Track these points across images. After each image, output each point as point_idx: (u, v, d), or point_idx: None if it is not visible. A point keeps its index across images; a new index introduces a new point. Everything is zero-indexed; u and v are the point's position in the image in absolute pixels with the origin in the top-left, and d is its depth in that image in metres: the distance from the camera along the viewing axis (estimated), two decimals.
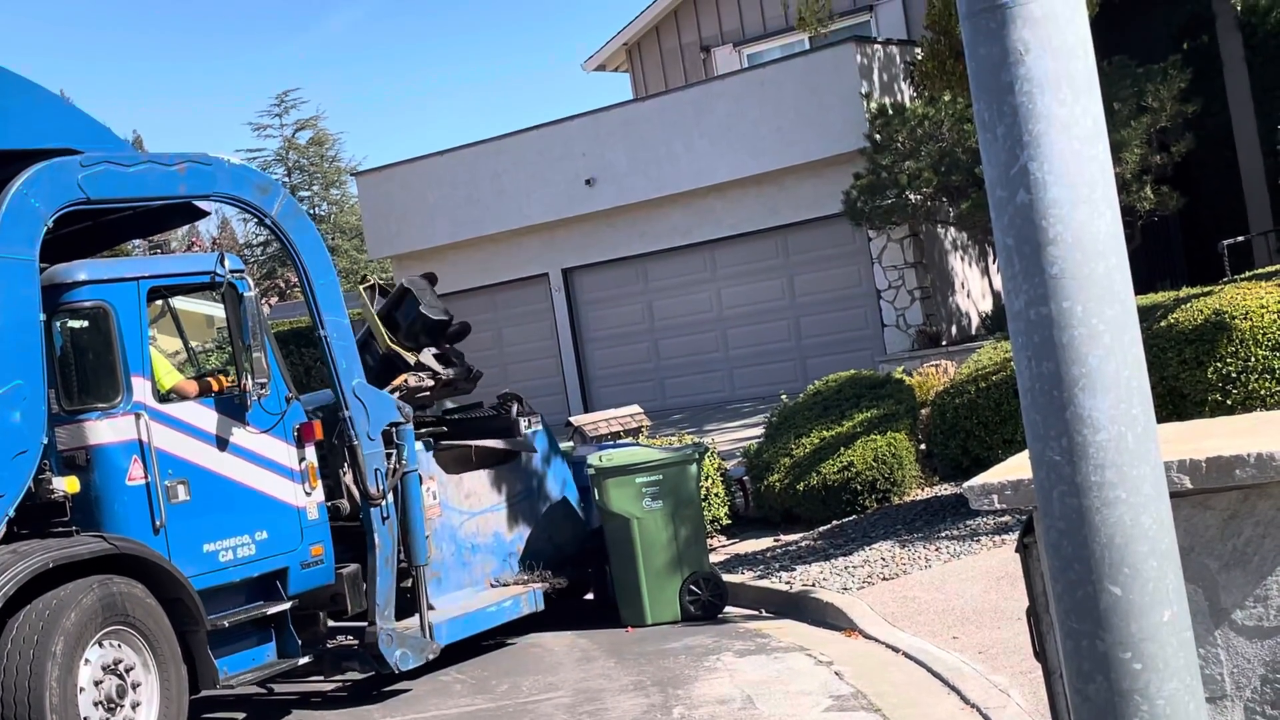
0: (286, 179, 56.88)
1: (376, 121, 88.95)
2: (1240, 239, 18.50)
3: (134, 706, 7.12)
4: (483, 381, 10.55)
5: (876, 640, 8.15)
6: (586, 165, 22.79)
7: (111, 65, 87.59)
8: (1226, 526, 3.05)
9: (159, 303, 8.75)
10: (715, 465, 11.94)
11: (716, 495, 11.83)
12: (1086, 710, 2.28)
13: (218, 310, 29.97)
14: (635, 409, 12.59)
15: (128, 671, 7.14)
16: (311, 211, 57.48)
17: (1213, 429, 3.48)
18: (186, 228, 46.94)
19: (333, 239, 55.27)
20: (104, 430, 7.52)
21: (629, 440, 11.44)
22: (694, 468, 9.92)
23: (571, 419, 12.37)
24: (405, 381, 9.54)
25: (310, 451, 8.40)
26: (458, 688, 8.66)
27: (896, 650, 7.85)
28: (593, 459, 9.86)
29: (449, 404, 10.83)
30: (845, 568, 9.77)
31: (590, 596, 10.43)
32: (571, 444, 11.31)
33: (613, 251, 23.14)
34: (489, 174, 23.79)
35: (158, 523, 7.53)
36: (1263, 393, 9.63)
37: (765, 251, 21.93)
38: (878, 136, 18.39)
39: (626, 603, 9.73)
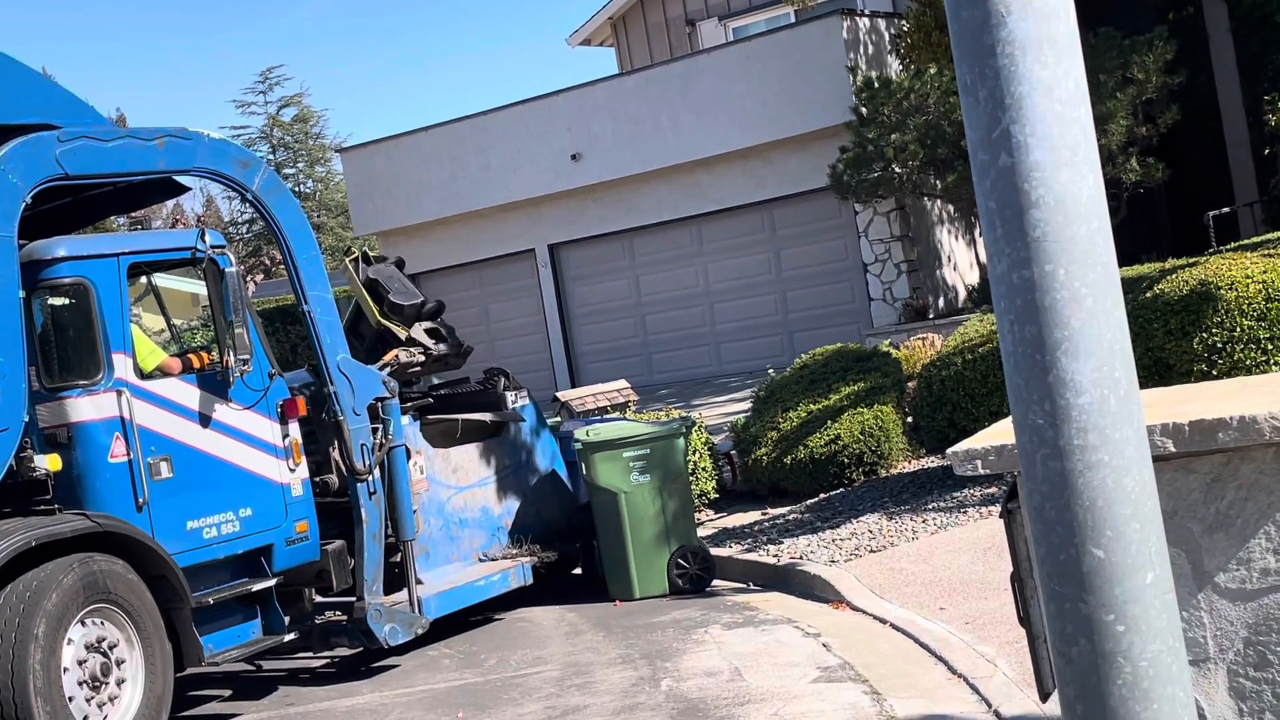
0: (271, 156, 56.62)
1: (361, 98, 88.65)
2: (1225, 210, 18.54)
3: (119, 684, 7.09)
4: (470, 357, 10.53)
5: (864, 612, 8.17)
6: (572, 140, 22.74)
7: (94, 42, 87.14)
8: (1209, 490, 3.05)
9: (142, 281, 8.69)
10: (702, 439, 11.95)
11: (704, 469, 11.84)
12: (1070, 673, 2.28)
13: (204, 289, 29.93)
14: (622, 384, 12.62)
15: (111, 649, 7.09)
16: (297, 189, 57.26)
17: (1196, 393, 3.48)
18: (171, 205, 46.78)
19: (318, 216, 55.10)
20: (85, 407, 7.46)
21: (616, 415, 11.46)
22: (681, 442, 9.92)
23: (559, 394, 12.39)
24: (396, 357, 9.51)
25: (294, 428, 8.37)
26: (446, 662, 8.67)
27: (884, 621, 7.87)
28: (580, 433, 9.84)
29: (434, 379, 10.81)
30: (832, 540, 9.79)
31: (578, 571, 10.43)
32: (559, 419, 11.32)
33: (599, 227, 23.12)
34: (474, 149, 23.73)
35: (140, 500, 7.48)
36: (1248, 362, 9.65)
37: (752, 226, 21.92)
38: (864, 110, 18.37)
39: (614, 577, 9.74)
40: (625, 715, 6.95)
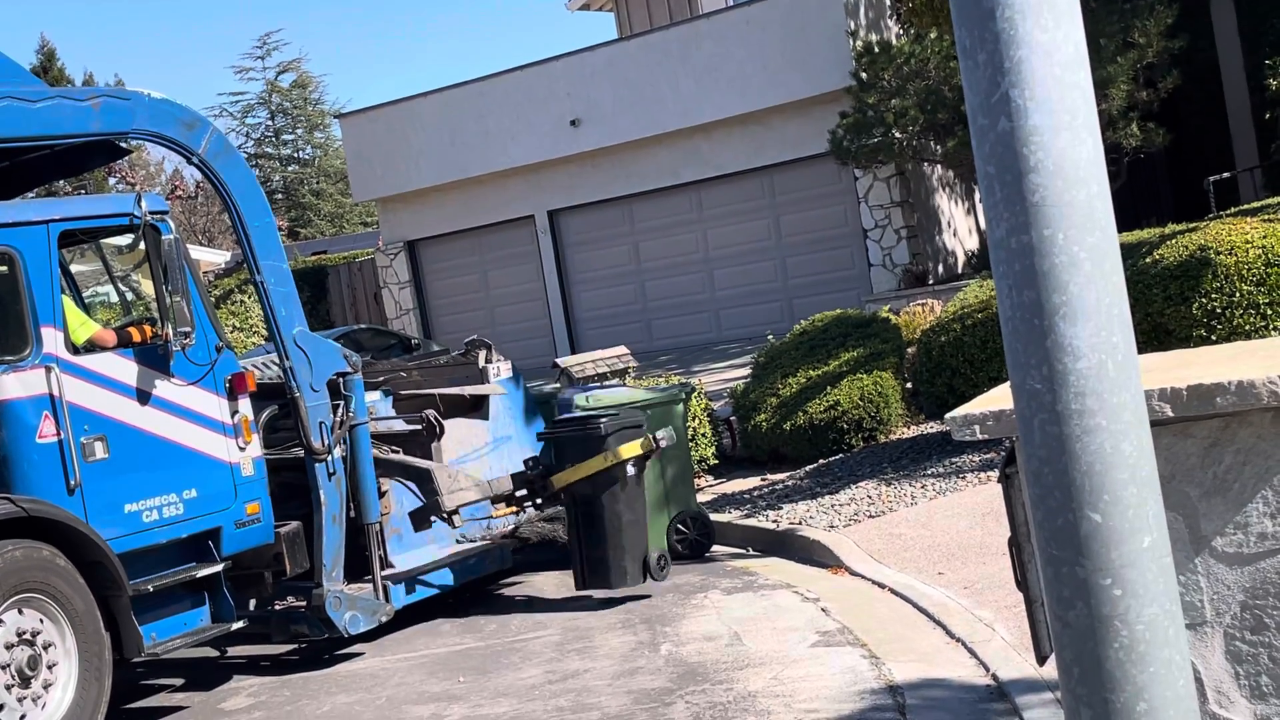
0: (270, 122, 56.54)
1: (359, 63, 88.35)
2: (1226, 175, 18.51)
3: (46, 687, 6.74)
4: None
5: (863, 577, 8.20)
6: (571, 106, 22.69)
7: (92, 7, 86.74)
8: (1207, 454, 3.06)
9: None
10: (702, 405, 11.97)
11: (703, 435, 11.86)
12: (1067, 636, 2.29)
13: (204, 255, 29.79)
14: (622, 350, 12.61)
15: (47, 648, 6.78)
16: (295, 155, 57.19)
17: (1194, 358, 3.48)
18: (170, 170, 46.67)
19: (317, 183, 55.04)
20: (11, 385, 6.99)
21: (616, 381, 11.45)
22: (681, 408, 9.92)
23: (558, 360, 12.38)
24: None
25: (244, 404, 7.92)
26: (447, 627, 8.70)
27: (882, 586, 7.90)
28: (579, 399, 9.80)
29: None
30: (832, 506, 9.82)
31: None
32: (558, 385, 11.29)
33: (598, 193, 23.09)
34: (473, 115, 23.67)
35: (72, 482, 7.05)
36: (1247, 328, 9.65)
37: (751, 191, 21.89)
38: (864, 75, 18.32)
39: None
40: (625, 679, 6.98)
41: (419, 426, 9.00)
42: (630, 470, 8.51)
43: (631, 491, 8.54)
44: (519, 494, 8.86)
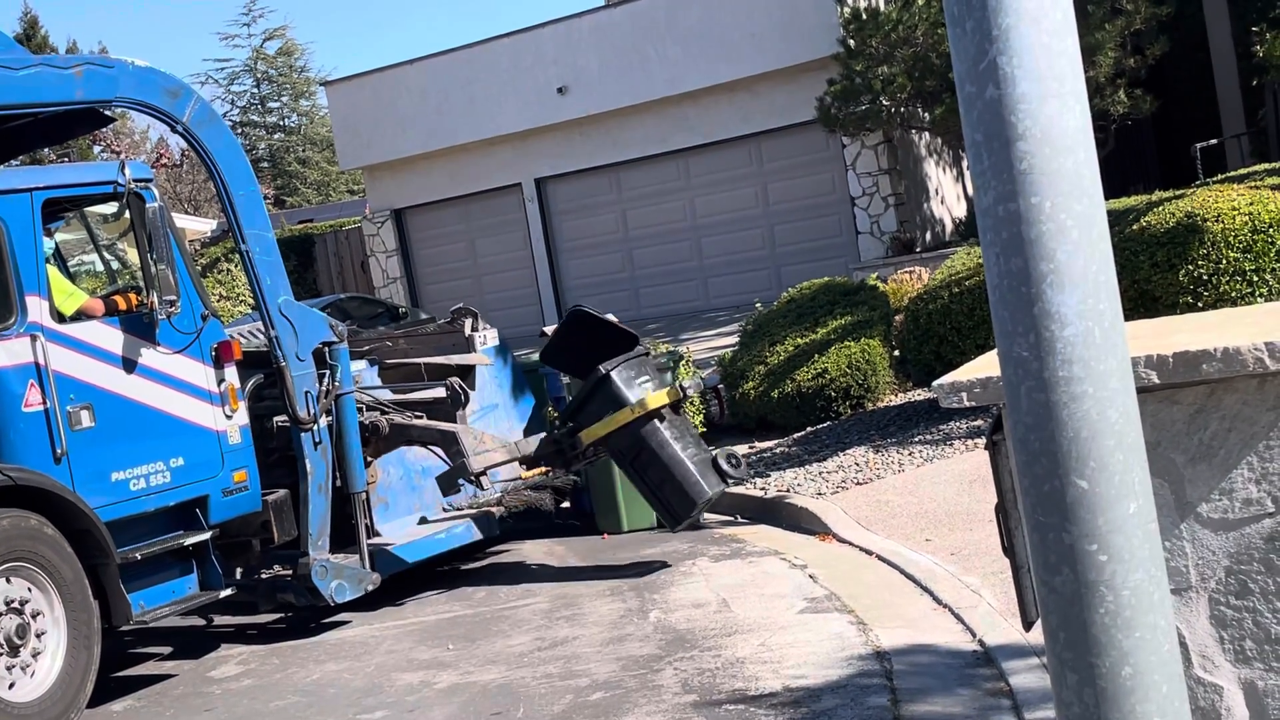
0: (256, 89, 56.27)
1: (345, 30, 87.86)
2: (1213, 142, 18.52)
3: (35, 655, 6.75)
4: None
5: (850, 544, 8.23)
6: (558, 73, 22.61)
7: None
8: (1193, 421, 3.07)
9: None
10: (690, 373, 11.96)
11: (691, 403, 11.86)
12: (1053, 601, 2.30)
13: (189, 223, 29.67)
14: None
15: (35, 617, 6.78)
16: (281, 123, 56.93)
17: (1180, 325, 3.49)
18: (156, 138, 46.39)
19: (303, 150, 54.82)
20: None
21: None
22: (669, 376, 9.91)
23: (546, 329, 12.34)
24: None
25: (231, 372, 7.94)
26: (435, 595, 8.72)
27: (870, 553, 7.93)
28: None
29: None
30: (819, 473, 9.85)
31: (566, 505, 10.44)
32: None
33: (586, 161, 23.04)
34: (460, 83, 23.58)
35: (59, 451, 7.04)
36: (1233, 295, 9.67)
37: (739, 159, 21.85)
38: (851, 42, 18.27)
39: (603, 510, 9.77)
40: (614, 646, 7.01)
41: (443, 394, 8.99)
42: (664, 412, 8.41)
43: (674, 422, 8.41)
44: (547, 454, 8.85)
